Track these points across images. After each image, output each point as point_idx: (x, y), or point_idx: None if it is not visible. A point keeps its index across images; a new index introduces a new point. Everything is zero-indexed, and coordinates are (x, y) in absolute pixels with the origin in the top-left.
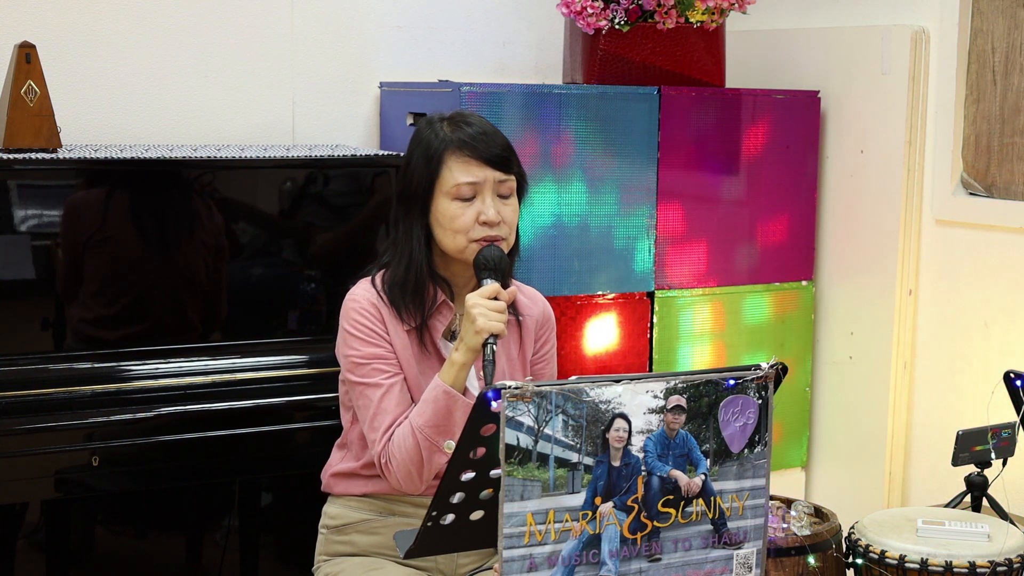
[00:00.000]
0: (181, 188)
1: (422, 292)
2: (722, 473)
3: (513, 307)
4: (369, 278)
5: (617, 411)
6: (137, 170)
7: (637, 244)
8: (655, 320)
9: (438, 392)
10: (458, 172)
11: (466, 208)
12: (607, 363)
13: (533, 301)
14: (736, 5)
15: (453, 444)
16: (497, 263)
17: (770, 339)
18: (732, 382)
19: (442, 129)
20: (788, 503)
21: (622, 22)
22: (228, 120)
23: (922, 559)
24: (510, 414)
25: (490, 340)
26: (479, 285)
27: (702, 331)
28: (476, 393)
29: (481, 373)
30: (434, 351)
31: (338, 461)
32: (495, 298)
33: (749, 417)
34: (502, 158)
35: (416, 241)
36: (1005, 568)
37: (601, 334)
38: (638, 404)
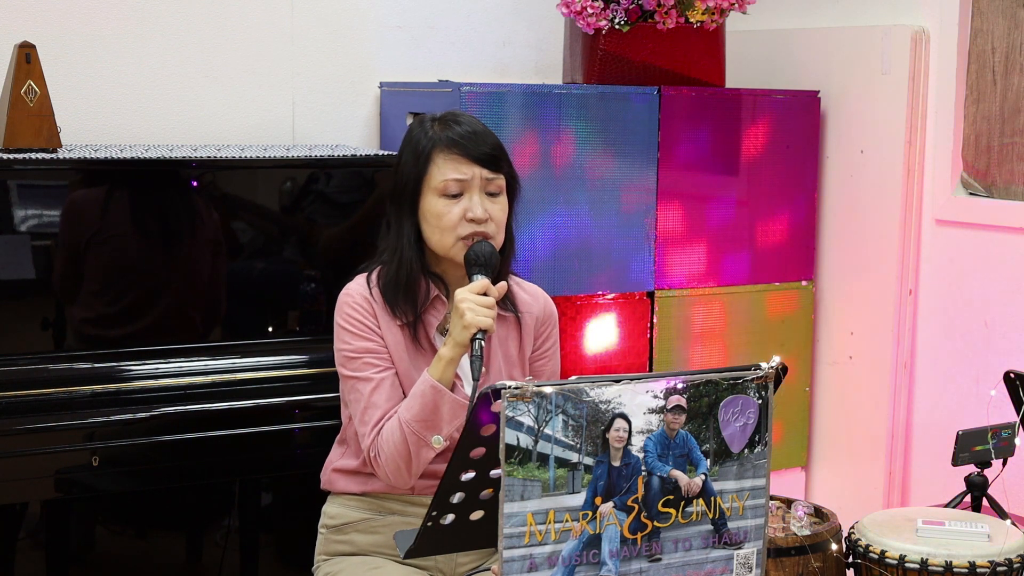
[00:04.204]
0: (181, 188)
1: (414, 289)
2: (722, 473)
3: (512, 304)
4: (365, 274)
5: (617, 411)
6: (137, 170)
7: (637, 244)
8: (655, 320)
9: (425, 387)
10: (446, 169)
11: (453, 205)
12: (607, 363)
13: (534, 298)
14: (736, 5)
15: (441, 439)
16: (487, 259)
17: (770, 339)
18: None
19: (432, 128)
20: (788, 503)
21: (622, 22)
22: (228, 120)
23: (922, 559)
24: (510, 414)
25: (478, 335)
26: (470, 281)
27: (702, 331)
28: (465, 388)
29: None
30: (428, 346)
31: (338, 457)
32: (485, 293)
33: (749, 417)
34: (491, 156)
35: (406, 239)
36: (1005, 568)
37: (601, 334)
38: (638, 404)
